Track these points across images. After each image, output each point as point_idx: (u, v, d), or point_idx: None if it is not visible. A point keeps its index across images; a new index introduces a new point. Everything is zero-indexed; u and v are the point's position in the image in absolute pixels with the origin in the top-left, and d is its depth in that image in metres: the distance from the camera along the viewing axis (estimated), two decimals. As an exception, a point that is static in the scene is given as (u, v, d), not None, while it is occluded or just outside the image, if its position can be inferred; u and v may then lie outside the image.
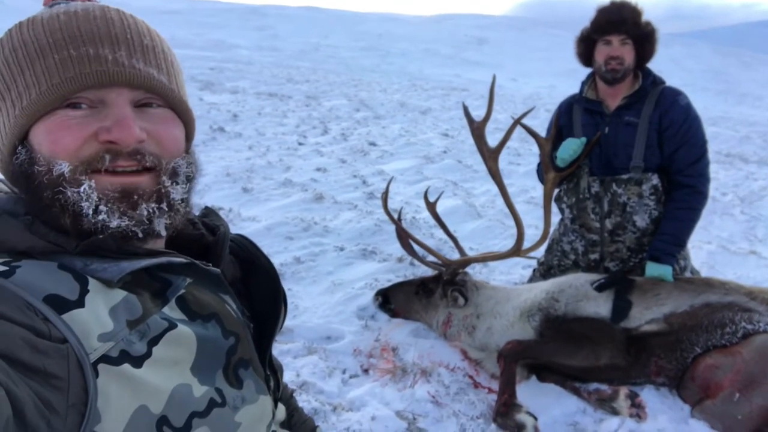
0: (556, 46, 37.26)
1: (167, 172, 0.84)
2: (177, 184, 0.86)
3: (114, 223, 0.78)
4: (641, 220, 2.88)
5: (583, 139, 2.90)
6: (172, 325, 0.79)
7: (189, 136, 0.94)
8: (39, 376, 0.65)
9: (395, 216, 3.30)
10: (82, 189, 0.77)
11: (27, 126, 0.79)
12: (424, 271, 3.44)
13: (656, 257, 2.76)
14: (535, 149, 8.00)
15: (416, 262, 3.59)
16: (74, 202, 0.77)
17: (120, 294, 0.77)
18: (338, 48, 31.56)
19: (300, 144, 7.75)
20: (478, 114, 2.83)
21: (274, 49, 27.63)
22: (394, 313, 3.15)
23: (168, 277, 0.84)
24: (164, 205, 0.83)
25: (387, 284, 3.34)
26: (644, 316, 2.60)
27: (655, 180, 2.83)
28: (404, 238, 3.28)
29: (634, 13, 2.80)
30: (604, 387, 2.51)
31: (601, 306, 2.66)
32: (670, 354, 2.50)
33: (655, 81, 2.87)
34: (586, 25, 2.94)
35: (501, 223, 4.99)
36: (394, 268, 3.77)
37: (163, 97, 0.85)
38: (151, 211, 0.81)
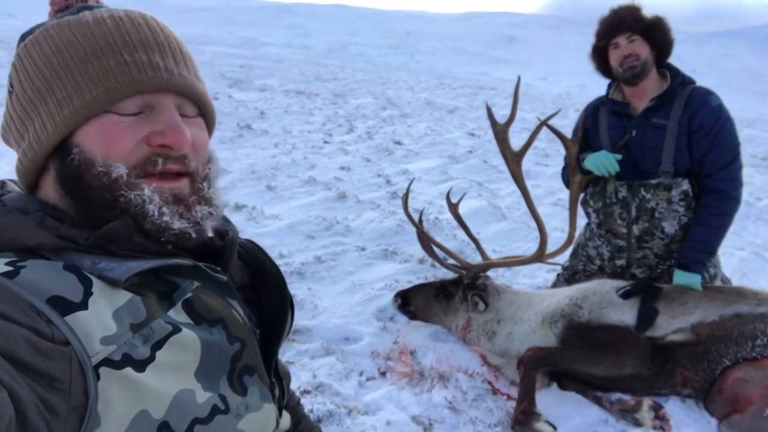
0: (587, 44, 36.52)
1: (203, 177, 0.88)
2: (211, 189, 0.90)
3: (176, 225, 0.82)
4: (670, 227, 2.79)
5: (618, 156, 2.82)
6: (176, 329, 0.78)
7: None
8: (41, 378, 0.64)
9: (417, 217, 3.26)
10: (145, 192, 0.80)
11: (75, 127, 0.80)
12: (445, 273, 3.40)
13: (685, 265, 2.67)
14: (563, 150, 7.86)
15: (437, 264, 3.55)
16: (137, 204, 0.79)
17: (125, 296, 0.76)
18: (366, 46, 31.54)
19: (325, 142, 7.76)
20: (504, 113, 2.78)
21: (304, 47, 27.74)
22: (413, 316, 3.12)
23: (175, 280, 0.84)
24: (212, 209, 0.88)
25: (407, 286, 3.31)
26: (671, 325, 2.52)
27: (685, 185, 2.74)
28: (425, 240, 3.25)
29: (632, 10, 2.76)
30: (627, 397, 2.44)
31: (626, 314, 2.58)
32: (697, 365, 2.42)
33: (684, 81, 2.78)
34: (593, 40, 2.93)
35: (526, 225, 4.91)
36: (415, 269, 3.73)
37: (201, 105, 0.90)
38: (204, 213, 0.86)
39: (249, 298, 1.02)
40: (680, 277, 2.67)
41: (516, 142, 2.63)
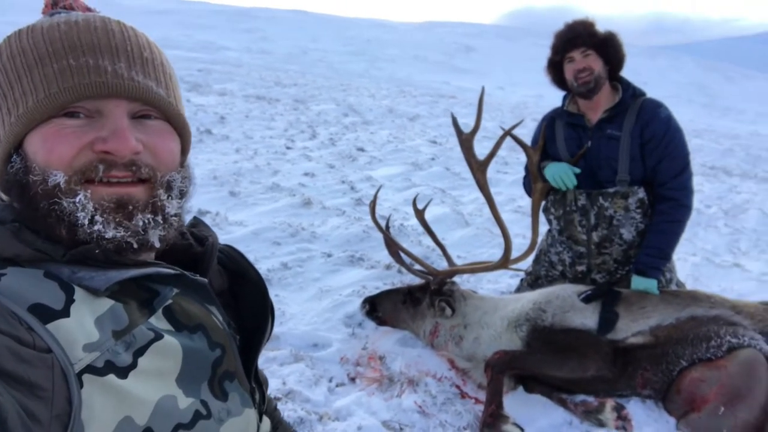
0: (543, 56, 37.56)
1: (162, 185, 0.84)
2: (171, 198, 0.86)
3: (109, 234, 0.78)
4: (628, 233, 2.90)
5: (576, 170, 2.92)
6: (158, 336, 0.78)
7: (184, 150, 0.94)
8: (23, 386, 0.64)
9: (383, 224, 3.29)
10: (77, 199, 0.77)
11: (22, 134, 0.79)
12: (412, 279, 3.43)
13: (642, 270, 2.77)
14: (523, 158, 8.04)
15: (404, 270, 3.58)
16: (70, 212, 0.77)
17: (106, 303, 0.76)
18: (327, 52, 31.56)
19: (288, 148, 7.72)
20: (465, 122, 2.85)
21: (263, 51, 27.54)
22: (381, 321, 3.14)
23: (155, 287, 0.84)
24: (159, 218, 0.83)
25: (375, 292, 3.33)
26: (631, 328, 2.61)
27: (641, 193, 2.85)
28: (392, 246, 3.27)
29: (586, 25, 2.86)
30: (590, 399, 2.52)
31: (588, 317, 2.67)
32: (656, 367, 2.51)
33: (635, 93, 2.90)
34: (549, 54, 3.01)
35: (489, 231, 5.00)
36: (382, 275, 3.76)
37: (160, 110, 0.86)
38: (146, 221, 0.81)
39: (228, 304, 1.02)
40: (638, 282, 2.78)
41: (477, 150, 2.69)
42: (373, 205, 3.23)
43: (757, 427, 2.22)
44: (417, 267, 3.19)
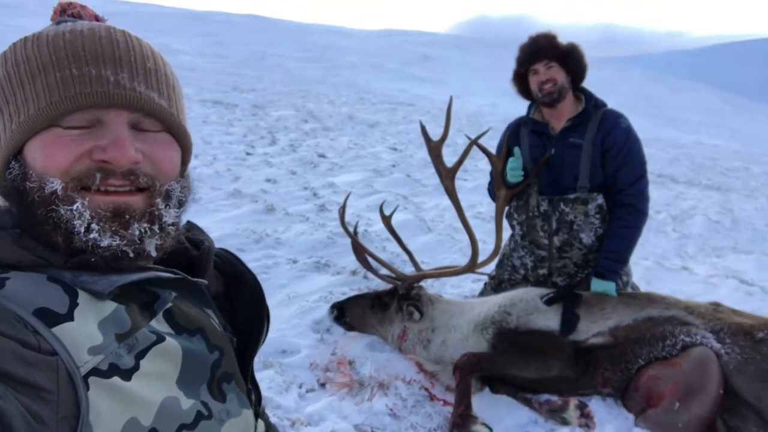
0: (498, 65, 38.45)
1: (161, 194, 0.85)
2: (169, 207, 0.86)
3: (105, 242, 0.78)
4: (587, 238, 3.02)
5: (517, 153, 3.03)
6: (159, 339, 0.80)
7: (185, 160, 0.95)
8: (28, 389, 0.64)
9: (351, 230, 3.31)
10: (74, 207, 0.77)
11: (22, 141, 0.79)
12: (378, 284, 3.47)
13: (601, 274, 2.89)
14: (482, 165, 8.17)
15: (370, 275, 3.61)
16: (67, 220, 0.77)
17: (110, 307, 0.77)
18: (284, 58, 31.34)
19: (248, 154, 7.64)
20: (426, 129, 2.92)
21: (218, 56, 27.13)
22: (349, 327, 3.17)
23: (155, 290, 0.85)
24: (156, 227, 0.84)
25: (342, 297, 3.35)
26: (591, 329, 2.72)
27: (600, 200, 2.98)
28: (360, 252, 3.30)
29: (549, 38, 2.98)
30: (554, 398, 2.61)
31: (550, 319, 2.76)
32: (616, 366, 2.62)
33: (597, 104, 3.04)
34: (514, 66, 3.11)
35: (451, 237, 5.09)
36: (348, 281, 3.78)
37: (162, 121, 0.86)
38: (142, 230, 0.82)
39: (223, 307, 1.03)
40: (597, 284, 2.89)
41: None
42: (342, 211, 3.26)
43: (710, 421, 2.35)
44: (384, 272, 3.23)
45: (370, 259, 3.25)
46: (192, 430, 0.79)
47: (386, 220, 3.32)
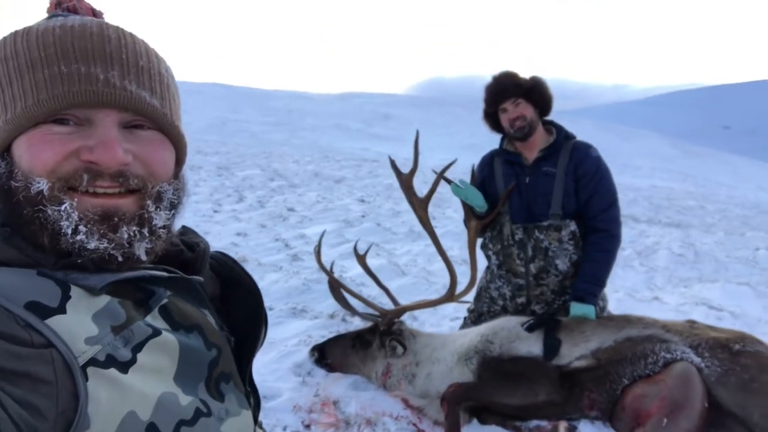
0: (455, 122, 39.70)
1: (152, 196, 0.82)
2: (160, 209, 0.83)
3: (92, 245, 0.75)
4: (562, 264, 3.07)
5: (465, 185, 3.13)
6: (156, 332, 0.77)
7: (179, 161, 0.92)
8: (24, 380, 0.62)
9: (328, 268, 3.29)
10: (62, 207, 0.74)
11: (9, 139, 0.77)
12: (357, 327, 3.42)
13: (580, 297, 2.93)
14: (449, 213, 8.27)
15: (349, 318, 3.58)
16: (54, 220, 0.74)
17: (103, 300, 0.75)
18: (248, 122, 31.69)
19: (215, 211, 7.61)
20: (390, 182, 2.98)
21: (183, 122, 27.29)
22: (331, 368, 3.09)
23: (149, 287, 0.83)
24: (145, 230, 0.81)
25: (321, 340, 3.28)
26: (573, 352, 2.73)
27: (573, 226, 3.06)
28: (337, 290, 3.27)
29: (512, 77, 3.10)
30: (543, 423, 2.58)
31: (533, 345, 2.77)
32: (601, 387, 2.62)
33: (567, 136, 3.16)
34: (483, 106, 3.23)
35: (425, 280, 5.10)
36: (326, 324, 3.73)
37: (153, 121, 0.83)
38: (131, 234, 0.79)
39: (219, 310, 1.00)
40: (576, 308, 2.93)
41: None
42: (318, 249, 3.24)
43: (698, 434, 2.35)
44: (363, 310, 3.20)
45: (348, 298, 3.23)
46: (191, 427, 0.76)
47: (361, 259, 3.32)
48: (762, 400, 2.37)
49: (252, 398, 1.02)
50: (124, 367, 0.71)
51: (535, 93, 3.10)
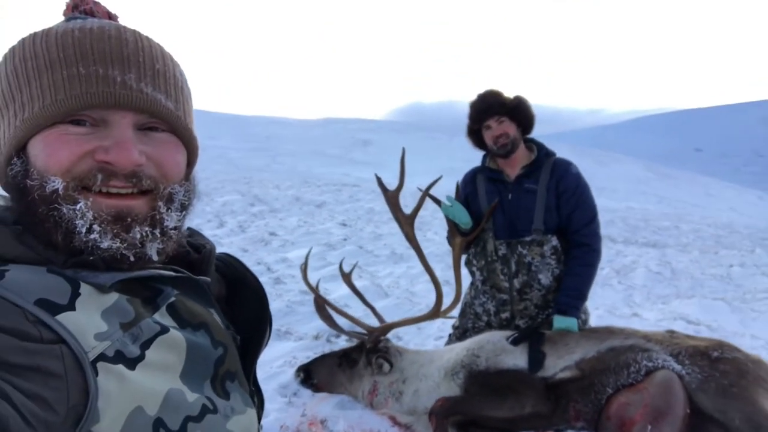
0: (434, 147, 40.16)
1: (163, 197, 0.84)
2: (171, 210, 0.85)
3: (105, 244, 0.77)
4: (545, 278, 3.12)
5: (451, 200, 3.20)
6: (164, 329, 0.79)
7: (191, 163, 0.94)
8: (34, 374, 0.63)
9: (314, 287, 3.30)
10: (77, 207, 0.76)
11: (26, 138, 0.79)
12: (342, 346, 3.42)
13: (563, 310, 2.98)
14: (429, 236, 8.31)
15: (334, 338, 3.58)
16: (69, 219, 0.76)
17: (112, 298, 0.77)
18: (226, 149, 31.64)
19: (196, 237, 7.55)
20: (371, 206, 3.03)
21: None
22: (317, 388, 3.09)
23: (157, 286, 0.84)
24: (157, 231, 0.83)
25: (307, 360, 3.27)
26: (558, 364, 2.77)
27: (554, 241, 3.12)
28: (323, 308, 3.28)
29: (497, 95, 3.17)
30: (531, 435, 2.59)
31: (518, 358, 2.80)
32: (586, 397, 2.66)
33: (548, 153, 3.24)
34: (468, 121, 3.29)
35: (409, 300, 5.13)
36: (311, 345, 3.72)
37: (168, 123, 0.85)
38: (144, 234, 0.81)
39: (225, 311, 1.02)
40: (559, 321, 2.97)
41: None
42: (305, 267, 3.26)
43: (682, 441, 2.40)
44: (349, 329, 3.21)
45: (334, 316, 3.23)
46: (198, 423, 0.77)
47: (347, 277, 3.35)
48: (742, 404, 2.42)
49: (256, 398, 1.03)
50: (133, 363, 0.72)
51: (519, 112, 3.17)
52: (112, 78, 0.78)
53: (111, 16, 0.89)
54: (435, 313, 2.98)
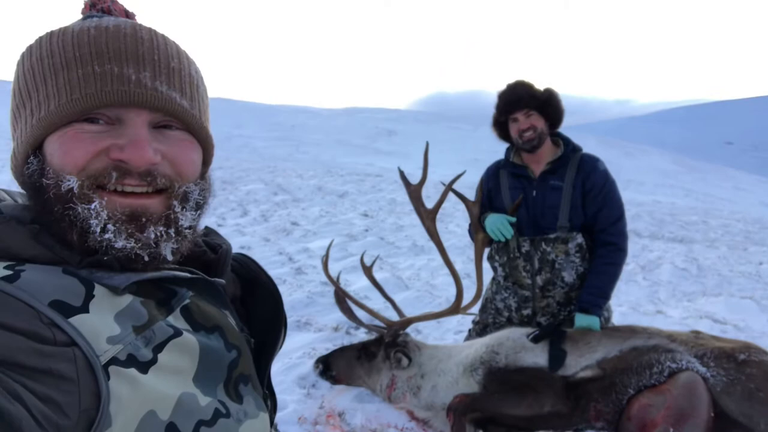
0: (458, 138, 39.89)
1: (178, 196, 0.84)
2: (186, 210, 0.85)
3: (119, 244, 0.77)
4: (569, 276, 3.07)
5: (512, 219, 3.10)
6: (177, 333, 0.78)
7: (206, 161, 0.94)
8: (46, 377, 0.63)
9: (335, 279, 3.30)
10: (92, 206, 0.76)
11: (42, 136, 0.79)
12: (362, 338, 3.43)
13: (585, 308, 2.94)
14: (451, 228, 8.26)
15: (353, 330, 3.58)
16: (84, 218, 0.76)
17: (125, 300, 0.77)
18: (251, 138, 31.87)
19: (219, 225, 7.64)
20: (393, 197, 3.00)
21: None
22: (335, 380, 3.09)
23: (172, 288, 0.84)
24: (172, 230, 0.83)
25: (326, 352, 3.29)
26: (579, 363, 2.73)
27: (579, 239, 3.06)
28: (343, 301, 3.28)
29: (528, 87, 3.07)
30: (549, 434, 2.57)
31: (538, 356, 2.77)
32: (607, 397, 2.62)
33: (575, 148, 3.15)
34: (494, 112, 3.20)
35: (429, 293, 5.11)
36: (330, 337, 3.73)
37: (183, 122, 0.85)
38: (158, 234, 0.81)
39: (240, 312, 1.01)
40: (581, 319, 2.93)
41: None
42: (326, 259, 3.26)
43: (705, 445, 2.35)
44: (368, 322, 3.20)
45: (353, 309, 3.23)
46: (210, 427, 0.77)
47: (367, 270, 3.34)
48: (768, 409, 2.36)
49: (269, 401, 1.03)
50: (145, 366, 0.72)
51: (549, 106, 3.08)
52: (126, 76, 0.78)
53: (128, 14, 0.89)
54: (455, 309, 2.95)
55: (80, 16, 0.87)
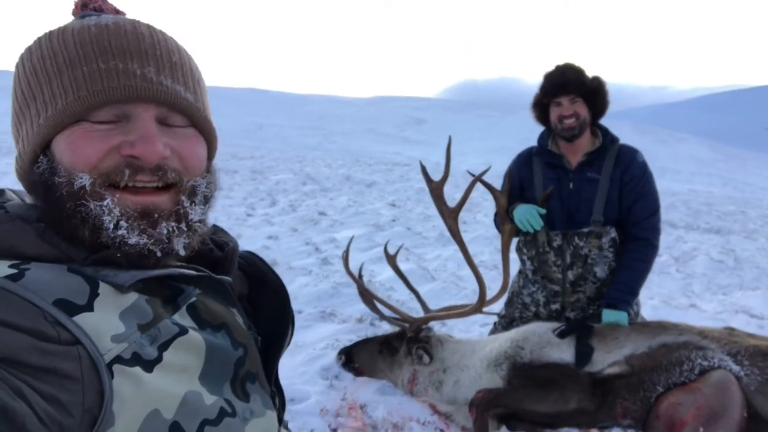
0: (488, 126, 39.47)
1: (186, 191, 0.84)
2: (195, 204, 0.85)
3: (132, 240, 0.78)
4: (601, 271, 2.99)
5: (542, 210, 3.00)
6: (183, 331, 0.77)
7: (210, 155, 0.94)
8: (50, 376, 0.63)
9: (356, 275, 3.30)
10: (104, 203, 0.77)
11: (50, 136, 0.79)
12: (385, 331, 3.42)
13: (612, 304, 2.86)
14: (480, 217, 8.20)
15: (377, 322, 3.58)
16: (96, 215, 0.76)
17: (130, 298, 0.76)
18: (282, 127, 32.13)
19: (248, 215, 7.71)
20: (422, 186, 2.96)
21: (218, 128, 27.85)
22: (358, 372, 3.10)
23: (178, 285, 0.83)
24: (183, 225, 0.83)
25: (349, 343, 3.29)
26: (606, 359, 2.66)
27: (613, 233, 2.96)
28: (366, 296, 3.27)
29: (578, 72, 2.93)
30: (574, 431, 2.52)
31: (564, 352, 2.71)
32: (634, 395, 2.55)
33: (613, 139, 3.04)
34: (537, 92, 3.06)
35: (455, 285, 5.06)
36: (354, 328, 3.73)
37: (188, 115, 0.85)
38: (170, 230, 0.81)
39: (247, 309, 1.01)
40: (609, 315, 2.85)
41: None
42: (346, 255, 3.25)
43: (737, 446, 2.27)
44: (391, 315, 3.19)
45: (377, 304, 3.22)
46: (215, 426, 0.76)
47: (392, 260, 3.32)
48: (805, 412, 2.27)
49: (277, 399, 1.02)
50: (150, 365, 0.72)
51: (597, 96, 2.95)
52: (132, 72, 0.78)
53: (119, 13, 0.89)
54: (477, 308, 2.90)
55: (71, 16, 0.86)
